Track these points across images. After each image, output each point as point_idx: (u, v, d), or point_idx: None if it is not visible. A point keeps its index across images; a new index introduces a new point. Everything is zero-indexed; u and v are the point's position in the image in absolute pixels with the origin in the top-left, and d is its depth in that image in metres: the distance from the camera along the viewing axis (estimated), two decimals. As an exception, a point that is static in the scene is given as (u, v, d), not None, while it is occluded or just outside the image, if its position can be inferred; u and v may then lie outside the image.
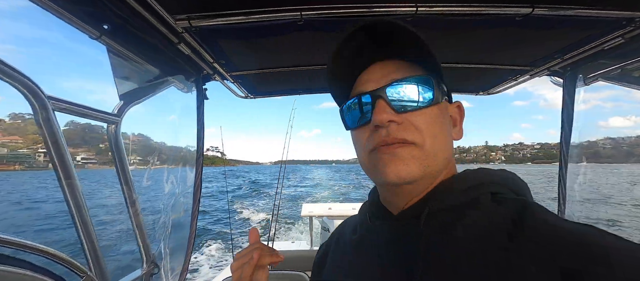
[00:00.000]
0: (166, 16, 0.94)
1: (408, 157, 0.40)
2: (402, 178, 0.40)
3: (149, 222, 1.32)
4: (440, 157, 0.42)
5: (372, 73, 0.46)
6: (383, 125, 0.41)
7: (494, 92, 1.82)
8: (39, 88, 0.74)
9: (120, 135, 1.05)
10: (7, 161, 54.12)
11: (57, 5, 0.75)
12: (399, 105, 0.42)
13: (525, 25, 1.03)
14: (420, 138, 0.41)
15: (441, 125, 0.44)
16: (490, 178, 0.43)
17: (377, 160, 0.42)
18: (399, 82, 0.43)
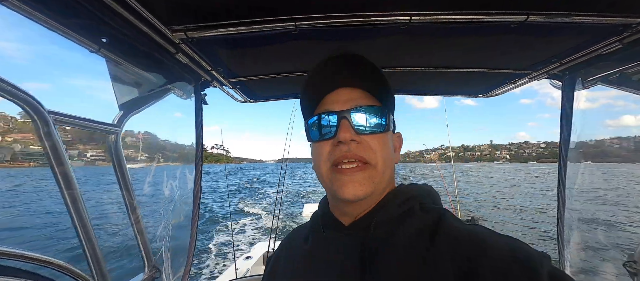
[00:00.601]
0: (163, 29, 0.95)
1: (365, 178, 0.47)
2: (358, 196, 0.47)
3: (150, 227, 1.35)
4: (387, 176, 0.51)
5: (339, 96, 0.53)
6: (346, 142, 0.48)
7: (493, 95, 1.81)
8: (40, 103, 0.76)
9: (120, 145, 1.07)
10: (22, 158, 55.30)
11: (54, 20, 0.77)
12: (359, 127, 0.50)
13: (521, 31, 1.02)
14: (374, 158, 0.49)
15: (389, 150, 0.52)
16: (418, 192, 0.54)
17: (336, 178, 0.49)
18: (362, 108, 0.51)
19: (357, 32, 1.05)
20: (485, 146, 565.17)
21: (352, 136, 0.48)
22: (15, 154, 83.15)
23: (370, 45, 1.18)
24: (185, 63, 1.20)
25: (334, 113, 0.51)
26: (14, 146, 74.07)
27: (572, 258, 1.58)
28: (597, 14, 0.92)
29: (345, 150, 0.48)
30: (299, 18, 0.98)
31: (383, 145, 0.51)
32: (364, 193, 0.47)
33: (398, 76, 1.57)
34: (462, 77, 1.56)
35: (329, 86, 0.54)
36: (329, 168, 0.50)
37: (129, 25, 0.89)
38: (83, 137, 19.79)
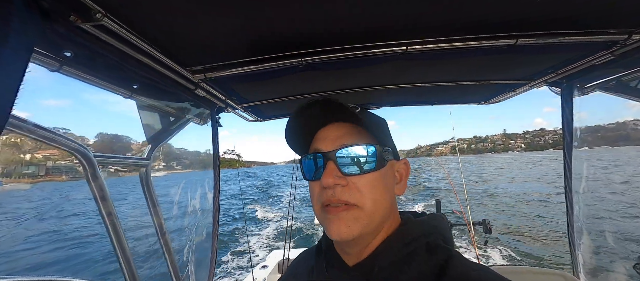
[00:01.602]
0: (184, 72, 1.07)
1: (350, 219, 0.47)
2: (343, 237, 0.47)
3: (175, 243, 1.47)
4: (378, 216, 0.49)
5: (329, 132, 0.53)
6: (330, 186, 0.48)
7: (495, 102, 1.86)
8: (87, 149, 0.89)
9: (150, 175, 1.19)
10: (53, 172, 57.59)
11: (91, 74, 0.90)
12: (346, 168, 0.49)
13: (514, 51, 1.09)
14: (361, 200, 0.48)
15: (382, 188, 0.50)
16: (425, 229, 0.52)
17: (326, 218, 0.49)
18: (348, 147, 0.50)
19: (358, 61, 1.14)
20: (498, 136, 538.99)
21: (336, 181, 0.47)
22: (48, 169, 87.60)
23: (371, 70, 1.27)
24: (203, 96, 1.31)
25: (321, 154, 0.51)
26: (46, 162, 77.85)
27: (584, 261, 1.60)
28: (584, 32, 0.98)
29: (330, 194, 0.48)
30: (305, 53, 1.08)
31: (373, 185, 0.49)
32: (349, 234, 0.46)
33: (400, 92, 1.65)
34: (463, 88, 1.62)
35: (318, 122, 0.55)
36: (320, 208, 0.50)
37: (156, 72, 1.02)
38: (105, 150, 20.80)
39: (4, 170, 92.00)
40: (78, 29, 0.69)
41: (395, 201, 0.56)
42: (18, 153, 51.58)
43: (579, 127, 1.43)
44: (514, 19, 0.93)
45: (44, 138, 0.74)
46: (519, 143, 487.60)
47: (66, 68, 0.77)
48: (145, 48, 0.87)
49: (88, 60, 0.82)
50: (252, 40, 0.98)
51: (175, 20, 0.82)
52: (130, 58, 0.90)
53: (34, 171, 69.69)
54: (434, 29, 0.98)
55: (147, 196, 1.21)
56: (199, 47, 1.00)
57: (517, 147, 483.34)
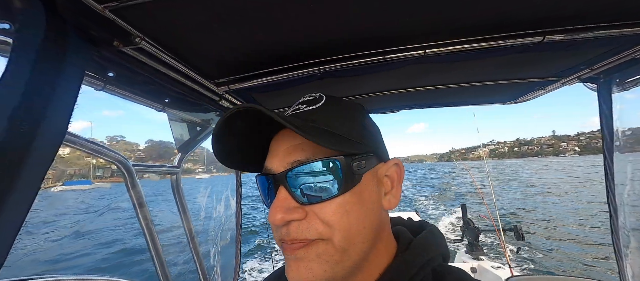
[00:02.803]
0: (210, 85, 1.14)
1: (312, 258, 0.35)
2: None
3: (202, 246, 1.54)
4: (354, 252, 0.36)
5: (280, 143, 0.39)
6: (280, 225, 0.35)
7: (522, 101, 1.77)
8: (126, 159, 0.97)
9: (181, 182, 1.27)
10: (117, 174, 65.17)
11: (129, 91, 0.98)
12: (302, 195, 0.35)
13: (541, 49, 1.04)
14: (328, 233, 0.35)
15: (358, 212, 0.37)
16: (428, 254, 0.40)
17: (284, 255, 0.37)
18: (302, 164, 0.36)
19: (375, 67, 1.14)
20: (547, 138, 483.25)
21: (287, 216, 0.35)
22: (113, 171, 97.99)
23: (389, 75, 1.26)
24: (226, 106, 1.39)
25: (269, 178, 0.39)
26: (111, 166, 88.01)
27: (633, 273, 1.45)
28: (622, 24, 0.91)
29: (284, 232, 0.36)
30: (323, 61, 1.11)
31: (344, 210, 0.35)
32: (311, 279, 0.34)
33: (419, 94, 1.62)
34: (486, 88, 1.56)
35: (266, 129, 0.41)
36: (278, 241, 0.38)
37: (185, 86, 1.09)
38: (153, 154, 22.84)
39: (80, 172, 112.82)
40: (120, 52, 0.76)
41: (385, 220, 0.42)
42: (85, 159, 60.03)
43: (621, 126, 1.31)
44: (540, 16, 0.89)
45: (93, 151, 0.83)
46: (572, 145, 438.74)
47: (109, 87, 0.86)
48: (175, 65, 0.94)
49: (127, 79, 0.90)
50: (271, 51, 1.03)
51: (202, 38, 0.89)
52: (162, 75, 0.98)
53: (102, 173, 78.72)
54: (453, 31, 0.96)
55: (177, 202, 1.29)
56: (222, 61, 1.06)
57: (569, 150, 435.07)
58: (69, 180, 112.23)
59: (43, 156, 0.56)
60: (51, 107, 0.56)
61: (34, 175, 0.54)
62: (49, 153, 0.57)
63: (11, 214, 0.50)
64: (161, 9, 0.69)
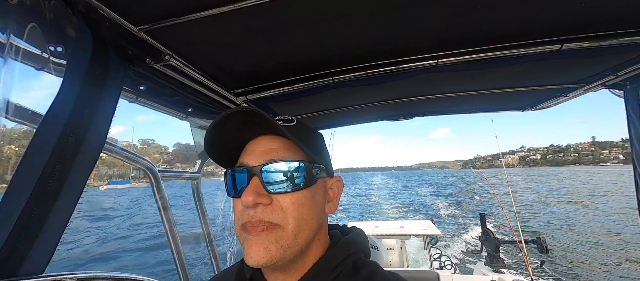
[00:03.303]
0: (229, 95, 1.21)
1: (270, 240, 0.43)
2: (260, 262, 0.42)
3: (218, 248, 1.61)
4: (303, 238, 0.45)
5: (257, 145, 0.48)
6: (249, 205, 0.43)
7: (543, 108, 1.71)
8: (152, 164, 1.05)
9: (201, 187, 1.34)
10: (138, 177, 70.94)
11: (156, 102, 1.07)
12: (271, 186, 0.44)
13: (560, 57, 1.02)
14: (284, 220, 0.44)
15: (309, 207, 0.46)
16: (351, 247, 0.51)
17: (244, 238, 0.45)
18: (274, 162, 0.45)
19: (388, 76, 1.16)
20: (585, 144, 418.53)
21: (258, 199, 0.43)
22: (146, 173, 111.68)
23: (401, 84, 1.28)
24: (244, 115, 1.46)
25: (245, 169, 0.46)
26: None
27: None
28: (637, 33, 0.88)
29: (250, 215, 0.43)
30: (336, 72, 1.15)
31: (299, 203, 0.45)
32: (267, 258, 0.42)
33: (433, 102, 1.62)
34: (503, 96, 1.53)
35: (248, 134, 0.50)
36: (239, 228, 0.46)
37: (206, 97, 1.17)
38: (180, 156, 24.34)
39: (118, 173, 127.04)
40: (151, 68, 0.84)
41: (324, 220, 0.53)
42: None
43: (652, 134, 1.24)
44: (556, 25, 0.89)
45: (126, 158, 0.91)
46: (616, 153, 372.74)
47: (141, 99, 0.95)
48: (198, 78, 1.02)
49: (156, 92, 0.98)
50: (287, 63, 1.08)
51: (223, 53, 0.95)
52: (187, 87, 1.06)
53: (136, 175, 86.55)
54: (465, 41, 0.97)
55: (197, 205, 1.36)
56: (241, 73, 1.13)
57: (612, 158, 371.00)
58: (109, 179, 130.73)
59: (86, 162, 0.63)
60: (94, 119, 0.64)
61: (79, 177, 0.61)
62: (92, 159, 0.64)
63: (62, 209, 0.58)
64: (187, 29, 0.76)
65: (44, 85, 0.83)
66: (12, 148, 0.63)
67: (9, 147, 0.60)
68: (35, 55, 0.59)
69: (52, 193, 0.57)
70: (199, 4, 0.69)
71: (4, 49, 0.50)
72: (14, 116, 0.56)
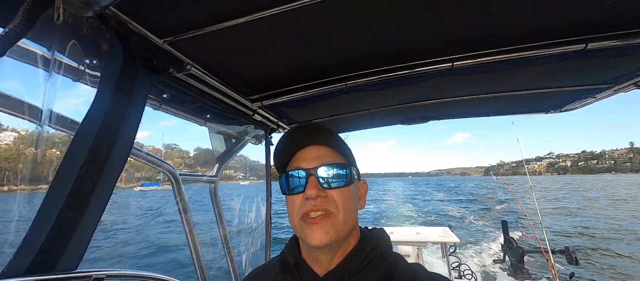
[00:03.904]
0: (244, 101, 1.25)
1: (328, 226, 0.54)
2: (323, 242, 0.53)
3: (236, 254, 1.64)
4: (349, 225, 0.57)
5: (308, 153, 0.60)
6: (312, 197, 0.55)
7: (568, 110, 1.62)
8: (173, 168, 1.10)
9: (218, 190, 1.39)
10: (165, 179, 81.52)
11: (178, 110, 1.12)
12: (325, 183, 0.57)
13: (584, 56, 0.97)
14: (336, 210, 0.56)
15: (351, 201, 0.59)
16: (377, 241, 0.62)
17: (305, 226, 0.56)
18: (327, 165, 0.58)
19: (402, 81, 1.16)
20: (622, 151, 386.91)
21: (318, 192, 0.55)
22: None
23: (416, 87, 1.27)
24: (259, 120, 1.50)
25: (303, 170, 0.58)
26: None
27: None
28: None
29: (312, 204, 0.55)
30: (349, 77, 1.16)
31: (345, 197, 0.57)
32: (328, 239, 0.53)
33: (449, 105, 1.58)
34: (525, 98, 1.47)
35: (299, 145, 0.62)
36: (299, 218, 0.56)
37: (223, 103, 1.21)
38: (200, 161, 26.24)
39: (145, 177, 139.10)
40: (174, 77, 0.89)
41: (357, 213, 0.64)
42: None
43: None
44: (580, 24, 0.85)
45: (150, 162, 0.97)
46: None
47: (164, 106, 1.00)
48: (217, 85, 1.06)
49: (177, 99, 1.04)
50: (300, 69, 1.11)
51: (240, 61, 0.99)
52: (206, 94, 1.11)
53: (162, 178, 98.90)
54: (482, 43, 0.95)
55: (215, 209, 1.40)
56: (256, 80, 1.17)
57: None
58: (135, 182, 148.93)
59: (116, 165, 0.68)
60: (123, 126, 0.69)
61: (109, 180, 0.66)
62: (121, 163, 0.69)
63: (94, 209, 0.62)
64: (207, 39, 0.81)
65: (79, 94, 0.90)
66: (54, 152, 0.68)
67: (51, 151, 0.67)
68: (73, 68, 0.65)
69: (85, 194, 0.62)
70: (217, 17, 0.73)
71: (48, 65, 0.55)
72: (56, 124, 0.61)
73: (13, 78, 0.64)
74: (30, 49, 0.55)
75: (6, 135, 29.46)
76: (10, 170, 31.66)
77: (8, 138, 33.20)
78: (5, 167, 36.88)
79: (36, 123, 0.58)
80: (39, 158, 0.62)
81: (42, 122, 0.57)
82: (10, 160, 35.79)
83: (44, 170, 0.64)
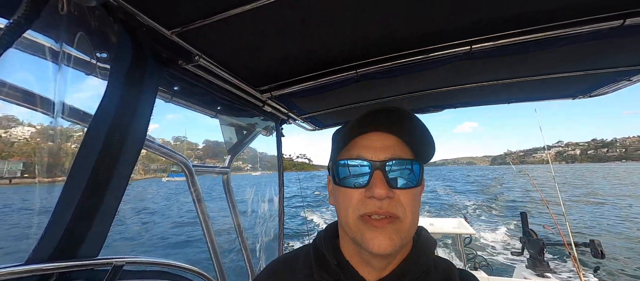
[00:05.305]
0: (254, 92, 1.24)
1: (393, 232, 0.46)
2: (386, 251, 0.45)
3: (250, 244, 1.68)
4: (413, 231, 0.50)
5: (374, 141, 0.50)
6: (380, 198, 0.46)
7: (598, 95, 1.50)
8: (186, 159, 1.12)
9: (231, 181, 1.41)
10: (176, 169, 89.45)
11: (189, 101, 1.13)
12: (393, 181, 0.48)
13: (621, 34, 0.88)
14: (404, 214, 0.47)
15: (418, 202, 0.51)
16: (428, 248, 0.55)
17: (365, 228, 0.47)
18: (398, 161, 0.49)
19: (416, 67, 1.10)
20: (634, 138, 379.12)
21: (387, 193, 0.46)
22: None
23: (431, 73, 1.21)
24: (269, 111, 1.49)
25: (368, 162, 0.48)
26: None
27: None
28: None
29: (378, 205, 0.46)
30: (359, 64, 1.12)
31: (414, 200, 0.49)
32: (392, 248, 0.45)
33: (467, 92, 1.51)
34: (550, 82, 1.37)
35: (364, 127, 0.52)
36: (357, 217, 0.48)
37: (233, 95, 1.21)
38: (209, 153, 27.71)
39: (161, 167, 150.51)
40: (183, 69, 0.89)
41: None
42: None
43: None
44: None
45: (162, 153, 0.99)
46: None
47: (175, 99, 1.01)
48: (226, 77, 1.06)
49: (188, 91, 1.04)
50: (309, 59, 1.08)
51: (248, 51, 0.98)
52: (216, 86, 1.11)
53: (176, 170, 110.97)
54: (503, 23, 0.88)
55: (228, 199, 1.43)
56: (265, 71, 1.15)
57: None
58: (152, 173, 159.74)
59: (130, 156, 0.70)
60: (135, 118, 0.70)
61: (124, 170, 0.67)
62: (134, 154, 0.70)
63: (111, 198, 0.64)
64: (215, 30, 0.79)
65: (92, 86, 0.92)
66: (69, 146, 0.72)
67: (66, 144, 0.70)
68: (84, 62, 0.66)
69: (102, 184, 0.64)
70: (224, 5, 0.71)
71: (57, 57, 0.56)
72: (69, 116, 0.63)
73: (24, 71, 0.65)
74: (39, 42, 0.56)
75: (24, 129, 31.57)
76: (31, 163, 34.17)
77: (26, 133, 35.55)
78: (27, 160, 39.80)
79: (50, 115, 0.59)
80: (56, 151, 0.64)
81: (55, 114, 0.59)
82: (29, 154, 38.57)
83: (62, 163, 0.66)
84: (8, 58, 0.36)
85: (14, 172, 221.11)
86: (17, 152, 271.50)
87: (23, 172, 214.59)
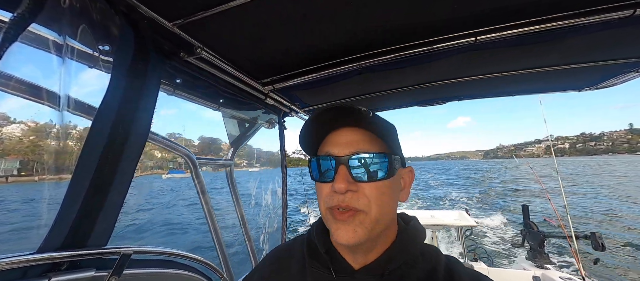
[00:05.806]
0: (256, 85, 1.24)
1: (357, 224, 0.48)
2: (350, 242, 0.48)
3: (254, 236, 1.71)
4: (383, 222, 0.51)
5: (341, 137, 0.52)
6: (341, 192, 0.48)
7: (605, 87, 1.48)
8: (190, 152, 1.13)
9: (234, 173, 1.43)
10: (185, 167, 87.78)
11: (192, 94, 1.13)
12: (357, 175, 0.49)
13: (632, 24, 0.86)
14: (368, 207, 0.48)
15: (389, 195, 0.51)
16: (417, 236, 0.56)
17: (332, 220, 0.50)
18: (361, 154, 0.50)
19: (419, 59, 1.09)
20: (621, 132, 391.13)
21: (348, 186, 0.48)
22: (180, 164, 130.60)
23: (434, 66, 1.19)
24: (271, 104, 1.49)
25: (333, 158, 0.51)
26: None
27: None
28: None
29: (340, 199, 0.49)
30: (362, 56, 1.11)
31: (381, 192, 0.50)
32: (356, 239, 0.47)
33: (471, 84, 1.49)
34: (556, 74, 1.35)
35: (332, 126, 0.53)
36: (326, 209, 0.51)
37: (236, 87, 1.21)
38: (205, 149, 27.78)
39: (159, 164, 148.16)
40: (185, 62, 0.89)
41: (397, 207, 0.57)
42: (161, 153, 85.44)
43: None
44: None
45: (168, 146, 1.00)
46: None
47: (178, 91, 1.02)
48: (228, 69, 1.05)
49: (190, 84, 1.04)
50: (311, 51, 1.07)
51: (250, 44, 0.97)
52: (218, 78, 1.11)
53: (173, 166, 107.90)
54: (509, 14, 0.86)
55: (231, 191, 1.45)
56: (268, 63, 1.14)
57: None
58: (153, 170, 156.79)
59: (134, 149, 0.70)
60: (139, 111, 0.70)
61: (129, 163, 0.68)
62: (139, 147, 0.71)
63: (117, 190, 0.65)
64: (217, 22, 0.79)
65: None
66: (68, 143, 0.72)
67: (65, 142, 0.71)
68: (88, 54, 0.66)
69: (108, 176, 0.65)
70: None
71: (61, 50, 0.56)
72: (74, 110, 0.64)
73: (29, 64, 0.66)
74: (43, 35, 0.56)
75: (14, 127, 31.78)
76: (29, 161, 34.61)
77: (18, 131, 35.66)
78: (31, 158, 40.30)
79: (56, 108, 0.60)
80: (55, 149, 0.65)
81: (61, 108, 0.60)
82: (26, 152, 39.07)
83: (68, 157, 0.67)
84: (13, 51, 0.37)
85: (10, 170, 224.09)
86: (12, 150, 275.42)
87: (20, 170, 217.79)
